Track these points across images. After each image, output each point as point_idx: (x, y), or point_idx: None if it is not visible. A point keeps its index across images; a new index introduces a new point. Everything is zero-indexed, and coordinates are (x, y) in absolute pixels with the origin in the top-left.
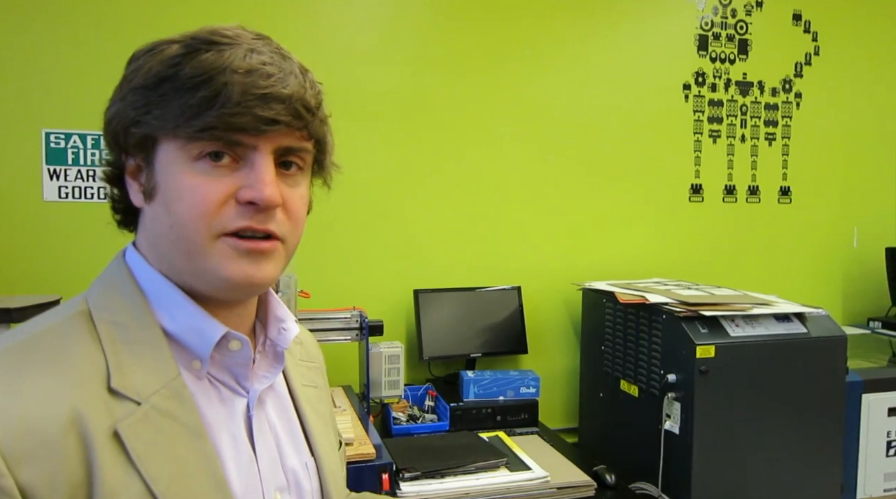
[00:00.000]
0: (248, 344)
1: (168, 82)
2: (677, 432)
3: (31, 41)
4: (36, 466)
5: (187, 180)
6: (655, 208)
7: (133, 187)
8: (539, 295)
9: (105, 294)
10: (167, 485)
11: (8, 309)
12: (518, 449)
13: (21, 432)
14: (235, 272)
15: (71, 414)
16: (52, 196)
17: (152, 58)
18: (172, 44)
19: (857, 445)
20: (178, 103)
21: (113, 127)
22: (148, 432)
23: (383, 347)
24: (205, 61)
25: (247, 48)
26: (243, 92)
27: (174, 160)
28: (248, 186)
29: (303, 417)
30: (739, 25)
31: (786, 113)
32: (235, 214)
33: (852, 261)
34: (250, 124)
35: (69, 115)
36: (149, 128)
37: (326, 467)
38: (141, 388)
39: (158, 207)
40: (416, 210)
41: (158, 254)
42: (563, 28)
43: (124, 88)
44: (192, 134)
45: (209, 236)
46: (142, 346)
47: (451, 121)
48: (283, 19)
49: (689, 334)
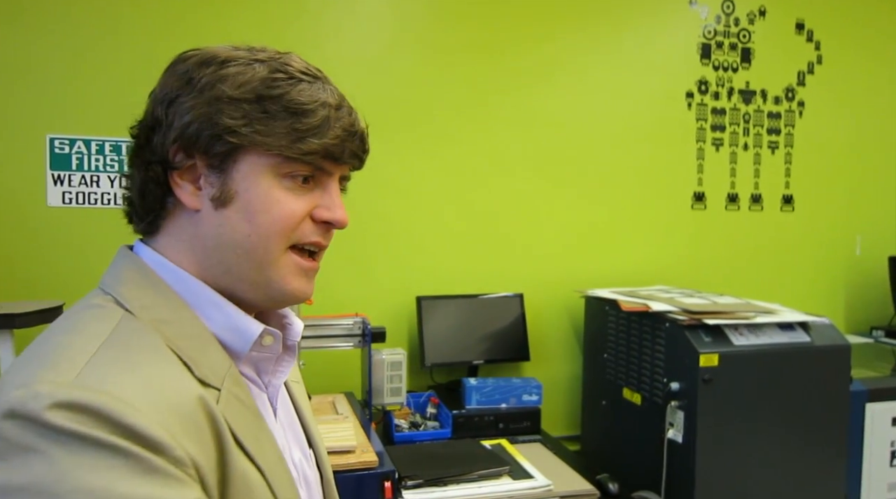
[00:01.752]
0: (280, 338)
1: (272, 102)
2: (680, 440)
3: (36, 47)
4: (190, 439)
5: (276, 195)
6: (658, 216)
7: (185, 188)
8: (541, 302)
9: (139, 295)
10: (263, 460)
11: (11, 315)
12: (521, 457)
13: (169, 410)
14: (297, 287)
15: (196, 394)
16: (56, 201)
17: (240, 72)
18: (254, 63)
19: (861, 454)
20: (283, 124)
21: (192, 130)
22: (236, 414)
23: (385, 354)
24: (304, 91)
25: (327, 83)
26: (340, 127)
27: (262, 173)
28: (324, 208)
29: (299, 411)
30: (742, 34)
31: (788, 121)
32: (310, 231)
33: (855, 269)
34: (341, 155)
35: (74, 121)
36: (247, 140)
37: (323, 458)
38: (213, 376)
39: (234, 215)
40: (418, 217)
41: (212, 259)
42: (566, 37)
43: (207, 94)
44: (296, 156)
45: (283, 248)
46: (195, 340)
47: (455, 129)
48: (289, 28)
49: (693, 343)
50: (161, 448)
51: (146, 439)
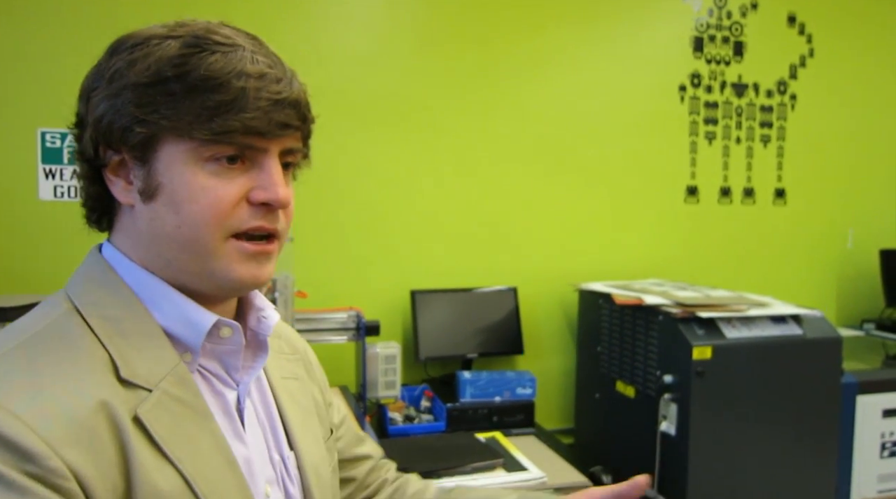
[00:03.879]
0: (239, 329)
1: (175, 82)
2: (674, 433)
3: (27, 41)
4: (78, 448)
5: (199, 181)
6: (651, 210)
7: (117, 184)
8: (535, 296)
9: (91, 291)
10: (192, 465)
11: (4, 308)
12: (514, 450)
13: (58, 418)
14: (244, 273)
15: (98, 400)
16: (48, 195)
17: (147, 54)
18: (167, 39)
19: (852, 446)
20: (191, 105)
21: (105, 123)
22: (165, 416)
23: (380, 347)
24: (215, 63)
25: (251, 51)
26: (258, 97)
27: (183, 161)
28: (260, 188)
29: (282, 410)
30: (735, 27)
31: (781, 115)
32: (248, 215)
33: (847, 262)
34: (266, 128)
35: (65, 115)
36: (155, 127)
37: (307, 460)
38: (149, 376)
39: (161, 207)
40: (412, 211)
41: (152, 252)
42: (559, 29)
43: (115, 83)
44: (210, 137)
45: (220, 237)
46: (139, 338)
47: (448, 122)
48: (281, 22)
49: (686, 336)
50: (33, 458)
51: (16, 448)
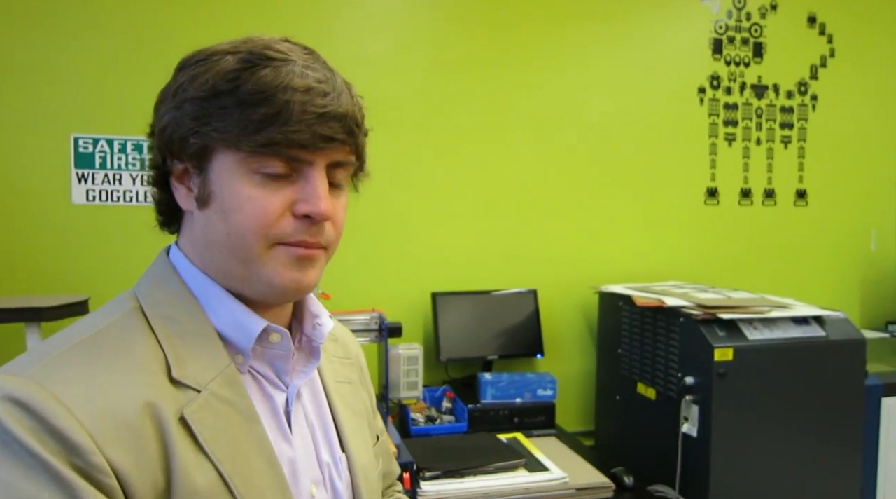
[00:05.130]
0: (288, 336)
1: (227, 96)
2: (695, 434)
3: (61, 49)
4: (121, 446)
5: (246, 192)
6: (671, 212)
7: (180, 191)
8: (555, 298)
9: (154, 291)
10: (231, 465)
11: (39, 308)
12: (536, 450)
13: (105, 416)
14: (286, 279)
15: (145, 400)
16: (80, 199)
17: (207, 69)
18: (226, 55)
19: (877, 448)
20: (238, 118)
21: (168, 134)
22: (210, 417)
23: (402, 348)
24: (264, 78)
25: (302, 65)
26: (303, 110)
27: (232, 171)
28: (304, 200)
29: (335, 413)
30: (754, 28)
31: (801, 115)
32: (292, 229)
33: (870, 264)
34: (310, 141)
35: (97, 121)
36: (208, 139)
37: (358, 463)
38: (199, 377)
39: (213, 215)
40: (433, 214)
41: (206, 257)
42: (577, 33)
43: (178, 97)
44: (255, 148)
45: (266, 245)
46: (194, 338)
47: (468, 126)
48: (300, 25)
49: (707, 337)
50: (79, 452)
51: (66, 441)
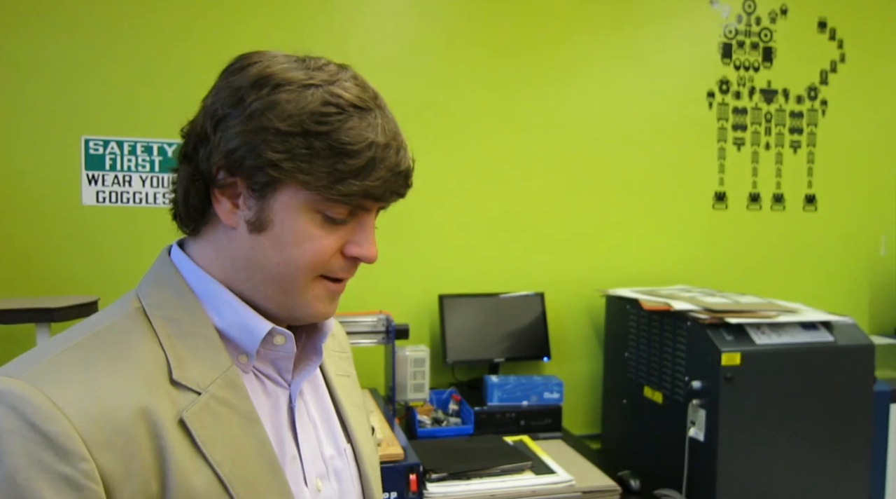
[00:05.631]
0: (292, 338)
1: (316, 139)
2: (702, 439)
3: (72, 51)
4: (113, 452)
5: (308, 230)
6: (679, 216)
7: (224, 205)
8: (562, 301)
9: (156, 292)
10: (230, 468)
11: (50, 309)
12: (542, 453)
13: (98, 420)
14: (320, 311)
15: (140, 405)
16: (91, 200)
17: (288, 100)
18: (307, 88)
19: (886, 454)
20: (324, 163)
21: (238, 157)
22: (209, 420)
23: (409, 350)
24: (353, 129)
25: (380, 118)
26: (383, 167)
27: (299, 208)
28: (355, 243)
29: (339, 405)
30: (764, 33)
31: (811, 121)
32: (339, 267)
33: (879, 269)
34: (383, 197)
35: (107, 123)
36: (287, 175)
37: (363, 453)
38: (199, 379)
39: (266, 242)
40: (441, 217)
41: (239, 274)
42: (587, 37)
43: (254, 122)
44: (335, 197)
45: (311, 278)
46: (196, 340)
47: (476, 129)
48: (311, 27)
49: (714, 342)
50: (69, 458)
51: (57, 447)
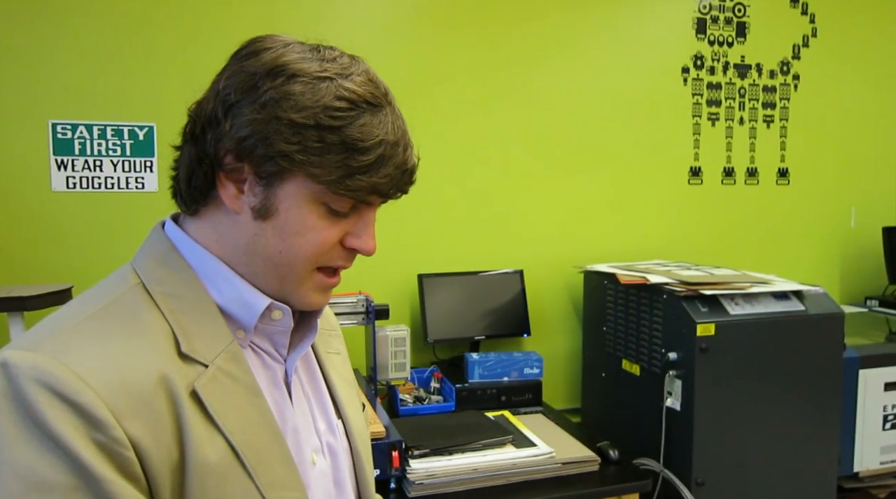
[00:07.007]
0: (290, 313)
1: (329, 133)
2: (678, 408)
3: (37, 33)
4: (139, 420)
5: (311, 221)
6: (655, 191)
7: (229, 190)
8: (541, 278)
9: (155, 267)
10: (241, 436)
11: (22, 297)
12: (523, 427)
13: (122, 390)
14: (313, 301)
15: (159, 374)
16: (61, 186)
17: (303, 93)
18: (322, 81)
19: (855, 419)
20: (336, 158)
21: (250, 145)
22: (218, 391)
23: (389, 330)
24: (366, 126)
25: (391, 114)
26: (391, 164)
27: (305, 197)
28: (355, 236)
29: (329, 382)
30: (737, 8)
31: (784, 95)
32: (338, 257)
33: (850, 241)
34: (389, 193)
35: (75, 106)
36: (296, 166)
37: (355, 428)
38: (206, 352)
39: (269, 230)
40: (418, 196)
41: (239, 257)
42: (560, 13)
43: (268, 111)
44: (343, 191)
45: (310, 269)
46: (198, 314)
47: (451, 107)
48: (283, 9)
49: (690, 313)
50: (100, 426)
51: (88, 416)
